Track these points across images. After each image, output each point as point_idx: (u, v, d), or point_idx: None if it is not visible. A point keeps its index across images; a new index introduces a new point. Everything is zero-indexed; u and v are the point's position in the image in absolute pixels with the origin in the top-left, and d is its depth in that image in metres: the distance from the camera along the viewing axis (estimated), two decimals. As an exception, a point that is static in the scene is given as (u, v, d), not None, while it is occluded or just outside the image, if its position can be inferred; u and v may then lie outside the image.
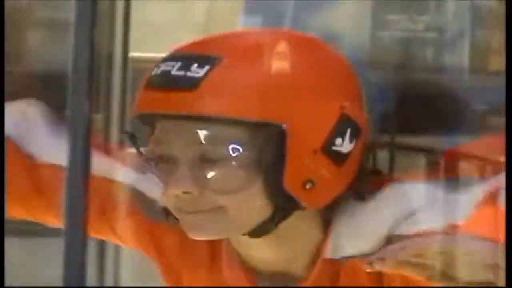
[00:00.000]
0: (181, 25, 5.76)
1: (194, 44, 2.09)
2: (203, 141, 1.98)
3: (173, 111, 1.97)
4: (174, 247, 2.25)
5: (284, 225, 2.00)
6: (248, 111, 1.98)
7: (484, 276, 1.96)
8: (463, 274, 1.98)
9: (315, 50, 2.20)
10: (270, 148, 1.97)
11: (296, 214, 1.98)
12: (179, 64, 1.96)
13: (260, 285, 2.15)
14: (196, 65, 1.96)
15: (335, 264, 2.06)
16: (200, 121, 1.99)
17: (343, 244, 2.03)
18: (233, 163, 1.96)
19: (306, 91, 2.03)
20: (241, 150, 1.96)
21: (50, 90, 6.35)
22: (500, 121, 2.74)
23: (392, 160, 2.97)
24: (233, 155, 1.95)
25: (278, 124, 1.95)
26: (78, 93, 1.58)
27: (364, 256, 1.96)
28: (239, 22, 6.13)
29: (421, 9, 6.14)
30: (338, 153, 1.95)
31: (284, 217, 1.98)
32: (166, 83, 2.00)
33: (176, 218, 2.02)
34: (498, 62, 6.42)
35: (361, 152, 2.04)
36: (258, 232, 2.00)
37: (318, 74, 2.05)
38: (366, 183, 2.09)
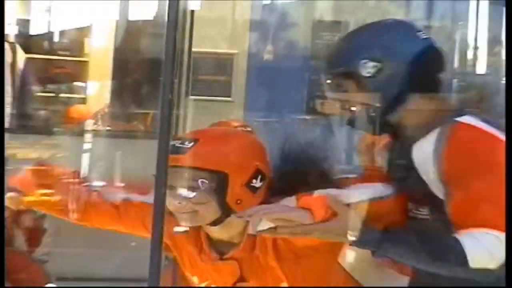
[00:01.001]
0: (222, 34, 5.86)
1: (188, 134, 2.32)
2: (188, 179, 2.15)
3: (175, 164, 2.08)
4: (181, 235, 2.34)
5: (227, 220, 2.14)
6: (209, 165, 2.13)
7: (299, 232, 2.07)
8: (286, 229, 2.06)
9: (244, 136, 2.35)
10: (219, 183, 2.12)
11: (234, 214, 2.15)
12: (179, 142, 2.13)
13: (214, 249, 2.25)
14: (187, 142, 2.15)
15: (254, 237, 2.19)
16: (187, 169, 2.16)
17: (256, 225, 2.10)
18: (202, 189, 2.12)
19: (238, 156, 2.18)
20: (205, 183, 2.11)
21: (152, 70, 5.42)
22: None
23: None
24: (202, 186, 2.12)
25: (224, 171, 2.12)
26: (167, 70, 1.87)
27: (269, 230, 2.05)
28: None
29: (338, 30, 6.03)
30: (253, 187, 2.12)
31: (227, 216, 2.13)
32: (173, 151, 2.08)
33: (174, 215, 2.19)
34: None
35: (267, 185, 2.17)
36: (214, 223, 2.16)
37: (245, 148, 2.22)
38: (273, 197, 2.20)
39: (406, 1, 6.30)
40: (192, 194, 2.17)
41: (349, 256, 2.28)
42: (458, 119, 2.05)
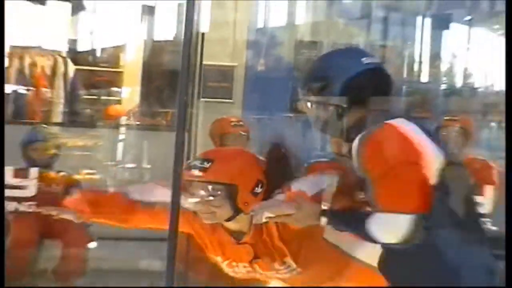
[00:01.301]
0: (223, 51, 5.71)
1: (204, 154, 2.25)
2: (208, 189, 2.12)
3: (198, 179, 2.13)
4: (204, 229, 2.29)
5: (238, 216, 2.12)
6: (223, 179, 2.12)
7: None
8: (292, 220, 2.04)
9: (248, 156, 2.29)
10: (231, 192, 2.11)
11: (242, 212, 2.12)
12: (199, 161, 2.13)
13: (233, 237, 2.20)
14: (205, 162, 2.13)
15: (261, 225, 2.16)
16: (205, 182, 2.14)
17: (261, 216, 2.06)
18: (218, 195, 2.12)
19: (245, 173, 2.15)
20: (221, 192, 2.10)
21: (171, 78, 5.27)
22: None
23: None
24: (218, 193, 2.11)
25: (234, 184, 2.11)
26: (183, 79, 1.96)
27: (268, 219, 2.02)
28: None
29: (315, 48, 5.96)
30: (256, 193, 2.09)
31: (237, 215, 2.12)
32: (193, 168, 2.16)
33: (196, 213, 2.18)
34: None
35: (265, 190, 2.14)
36: (227, 220, 2.14)
37: (249, 165, 2.18)
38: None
39: (367, 26, 6.06)
40: (211, 200, 2.16)
41: (329, 232, 2.21)
42: (387, 121, 1.99)
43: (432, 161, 1.93)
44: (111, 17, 6.23)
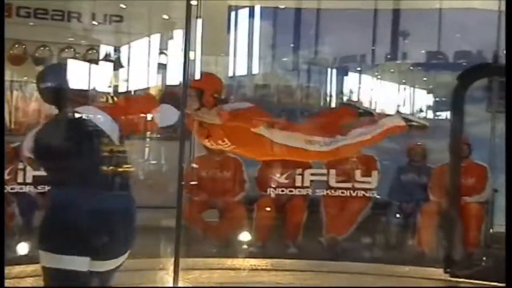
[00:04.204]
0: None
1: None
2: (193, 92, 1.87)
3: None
4: None
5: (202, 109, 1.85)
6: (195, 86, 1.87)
7: None
8: None
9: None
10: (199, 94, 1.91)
11: None
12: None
13: None
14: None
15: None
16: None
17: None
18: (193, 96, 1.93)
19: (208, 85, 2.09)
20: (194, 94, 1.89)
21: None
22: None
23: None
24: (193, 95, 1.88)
25: (202, 89, 1.92)
26: (183, 105, 2.34)
27: None
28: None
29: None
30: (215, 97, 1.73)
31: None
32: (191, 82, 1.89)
33: None
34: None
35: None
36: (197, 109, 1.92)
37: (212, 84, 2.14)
38: None
39: (297, 74, 6.96)
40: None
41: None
42: None
43: None
44: (140, 70, 6.79)
